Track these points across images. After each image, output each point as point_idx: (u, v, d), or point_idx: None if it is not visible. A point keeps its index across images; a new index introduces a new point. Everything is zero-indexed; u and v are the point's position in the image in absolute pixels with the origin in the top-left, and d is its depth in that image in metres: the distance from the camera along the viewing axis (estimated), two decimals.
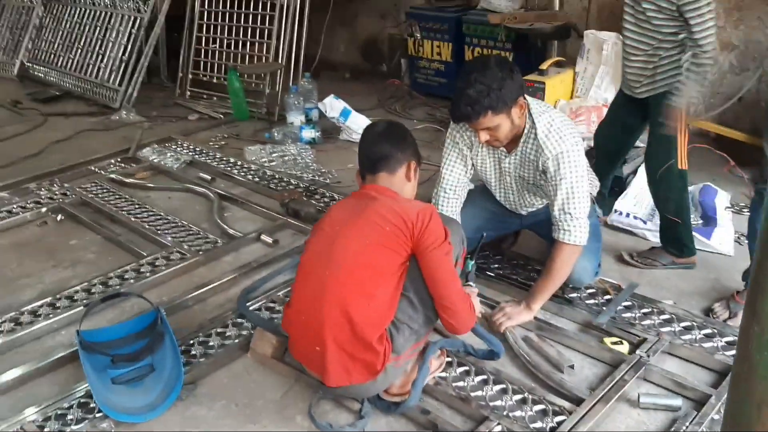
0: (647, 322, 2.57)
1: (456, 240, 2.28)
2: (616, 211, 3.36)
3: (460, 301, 2.17)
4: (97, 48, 6.03)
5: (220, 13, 5.80)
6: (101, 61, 5.94)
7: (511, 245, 3.17)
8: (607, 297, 2.73)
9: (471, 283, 2.56)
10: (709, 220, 3.25)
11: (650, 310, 2.64)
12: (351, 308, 2.03)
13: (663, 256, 2.98)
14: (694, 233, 3.00)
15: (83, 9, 6.30)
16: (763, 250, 0.93)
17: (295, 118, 4.85)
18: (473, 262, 2.63)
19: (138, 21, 5.76)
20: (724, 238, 3.12)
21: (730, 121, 4.26)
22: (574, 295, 2.74)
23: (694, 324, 2.54)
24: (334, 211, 2.28)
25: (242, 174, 4.16)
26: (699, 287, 2.84)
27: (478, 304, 2.51)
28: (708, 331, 2.50)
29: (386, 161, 2.24)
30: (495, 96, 2.33)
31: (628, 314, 2.63)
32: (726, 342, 2.44)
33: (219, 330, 2.63)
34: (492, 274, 2.94)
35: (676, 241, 2.93)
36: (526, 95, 2.50)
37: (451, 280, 2.15)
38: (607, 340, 2.48)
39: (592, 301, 2.72)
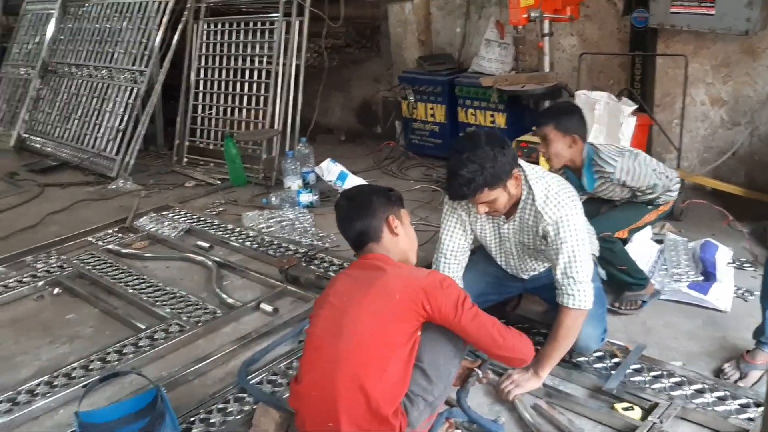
0: (657, 385, 2.52)
1: None
2: None
3: (511, 346, 2.19)
4: (93, 118, 6.10)
5: (215, 81, 5.89)
6: (98, 131, 6.00)
7: (515, 308, 3.14)
8: (616, 360, 2.68)
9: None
10: (709, 276, 3.23)
11: (660, 372, 2.59)
12: (366, 383, 1.98)
13: (636, 295, 3.10)
14: (690, 290, 3.12)
15: (80, 81, 6.40)
16: None
17: (293, 183, 4.86)
18: None
19: (135, 91, 5.83)
20: (721, 294, 3.09)
21: (726, 176, 4.29)
22: (582, 359, 2.69)
23: (705, 386, 2.49)
24: (339, 282, 2.24)
25: (240, 241, 4.14)
26: (707, 347, 2.79)
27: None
28: (720, 393, 2.45)
29: (366, 235, 2.22)
30: (489, 173, 2.33)
31: (637, 378, 2.58)
32: (739, 405, 2.38)
33: (220, 406, 2.57)
34: None
35: (634, 278, 3.07)
36: (521, 163, 2.51)
37: (494, 339, 2.16)
38: (618, 406, 2.42)
39: (600, 365, 2.67)
